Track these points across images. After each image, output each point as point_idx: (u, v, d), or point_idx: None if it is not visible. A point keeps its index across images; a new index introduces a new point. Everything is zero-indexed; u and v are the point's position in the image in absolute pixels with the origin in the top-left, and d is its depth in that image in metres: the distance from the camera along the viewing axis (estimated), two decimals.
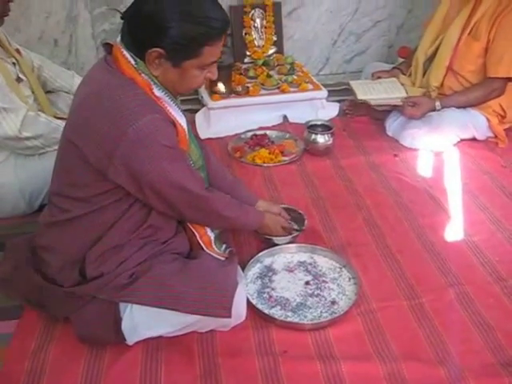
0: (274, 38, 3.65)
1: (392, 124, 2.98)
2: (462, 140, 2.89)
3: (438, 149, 2.83)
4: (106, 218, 1.62)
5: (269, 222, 1.97)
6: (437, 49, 2.92)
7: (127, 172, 1.51)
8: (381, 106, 2.94)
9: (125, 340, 1.67)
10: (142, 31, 1.51)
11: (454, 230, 2.26)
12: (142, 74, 1.54)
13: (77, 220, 1.62)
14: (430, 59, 2.97)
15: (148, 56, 1.52)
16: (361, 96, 2.95)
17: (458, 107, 2.84)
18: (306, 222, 2.14)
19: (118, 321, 1.63)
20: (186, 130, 1.67)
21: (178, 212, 1.68)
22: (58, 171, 1.67)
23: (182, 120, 1.64)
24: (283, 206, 2.17)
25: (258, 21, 3.62)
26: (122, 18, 1.56)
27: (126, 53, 1.54)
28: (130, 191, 1.57)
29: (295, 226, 2.11)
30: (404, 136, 2.88)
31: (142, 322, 1.64)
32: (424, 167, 2.72)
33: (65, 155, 1.63)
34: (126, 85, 1.53)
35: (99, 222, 1.62)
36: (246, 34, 3.60)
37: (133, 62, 1.54)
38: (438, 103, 2.82)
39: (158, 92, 1.57)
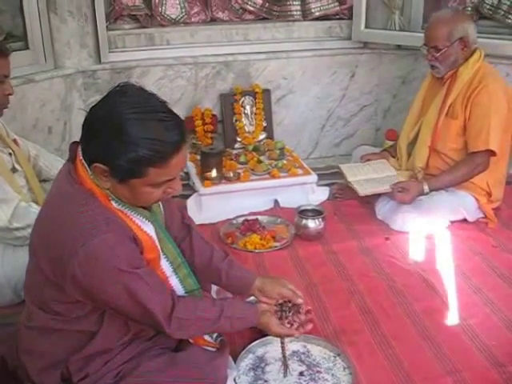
0: (264, 124, 3.75)
1: (382, 208, 3.01)
2: (452, 222, 2.91)
3: (428, 232, 2.84)
4: (83, 328, 1.55)
5: (263, 322, 1.76)
6: (418, 132, 3.01)
7: (81, 291, 1.44)
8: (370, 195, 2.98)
9: None
10: (87, 142, 1.44)
11: (449, 314, 2.23)
12: (99, 186, 1.47)
13: (53, 329, 1.56)
14: (413, 142, 3.04)
15: (93, 169, 1.43)
16: (351, 178, 2.99)
17: (446, 187, 2.88)
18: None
19: None
20: (154, 236, 1.59)
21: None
22: (28, 278, 1.61)
23: (147, 228, 1.56)
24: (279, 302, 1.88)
25: (248, 107, 3.72)
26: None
27: (84, 161, 1.47)
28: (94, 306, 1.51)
29: (295, 325, 1.83)
30: (394, 220, 2.90)
31: None
32: (416, 250, 2.71)
33: (29, 264, 1.58)
34: (83, 198, 1.45)
35: (77, 331, 1.55)
36: (236, 120, 3.70)
37: (89, 173, 1.46)
38: (425, 187, 2.85)
39: (115, 204, 1.49)
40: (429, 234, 2.82)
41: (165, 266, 1.66)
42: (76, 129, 3.55)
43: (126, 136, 1.36)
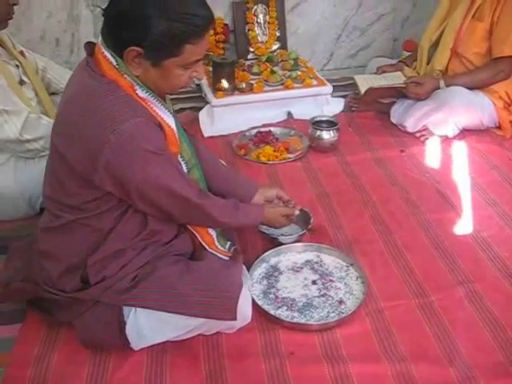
0: (278, 34, 3.61)
1: (397, 110, 2.96)
2: (468, 130, 2.86)
3: (443, 132, 2.81)
4: (102, 225, 1.58)
5: (268, 215, 1.88)
6: (441, 34, 2.91)
7: (113, 179, 1.46)
8: (384, 89, 2.92)
9: (129, 344, 1.64)
10: (118, 28, 1.44)
11: (463, 226, 2.23)
12: (125, 75, 1.48)
13: (72, 227, 1.59)
14: (435, 45, 2.95)
15: (126, 55, 1.45)
16: (364, 90, 2.92)
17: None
18: (312, 220, 2.11)
19: (121, 325, 1.61)
20: (175, 130, 1.62)
21: (171, 217, 1.63)
22: (49, 177, 1.63)
23: (169, 120, 1.58)
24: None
25: (260, 16, 3.58)
26: (103, 15, 1.49)
27: (106, 53, 1.48)
28: (120, 197, 1.53)
29: (297, 212, 1.98)
30: (408, 118, 2.86)
31: (146, 325, 1.61)
32: (431, 162, 2.69)
33: (53, 162, 1.59)
34: (107, 88, 1.47)
35: (95, 229, 1.58)
36: (248, 30, 3.55)
37: (114, 63, 1.47)
38: (442, 82, 2.81)
39: (141, 93, 1.50)
40: (445, 146, 2.79)
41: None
42: (84, 40, 3.43)
43: (168, 12, 1.40)
